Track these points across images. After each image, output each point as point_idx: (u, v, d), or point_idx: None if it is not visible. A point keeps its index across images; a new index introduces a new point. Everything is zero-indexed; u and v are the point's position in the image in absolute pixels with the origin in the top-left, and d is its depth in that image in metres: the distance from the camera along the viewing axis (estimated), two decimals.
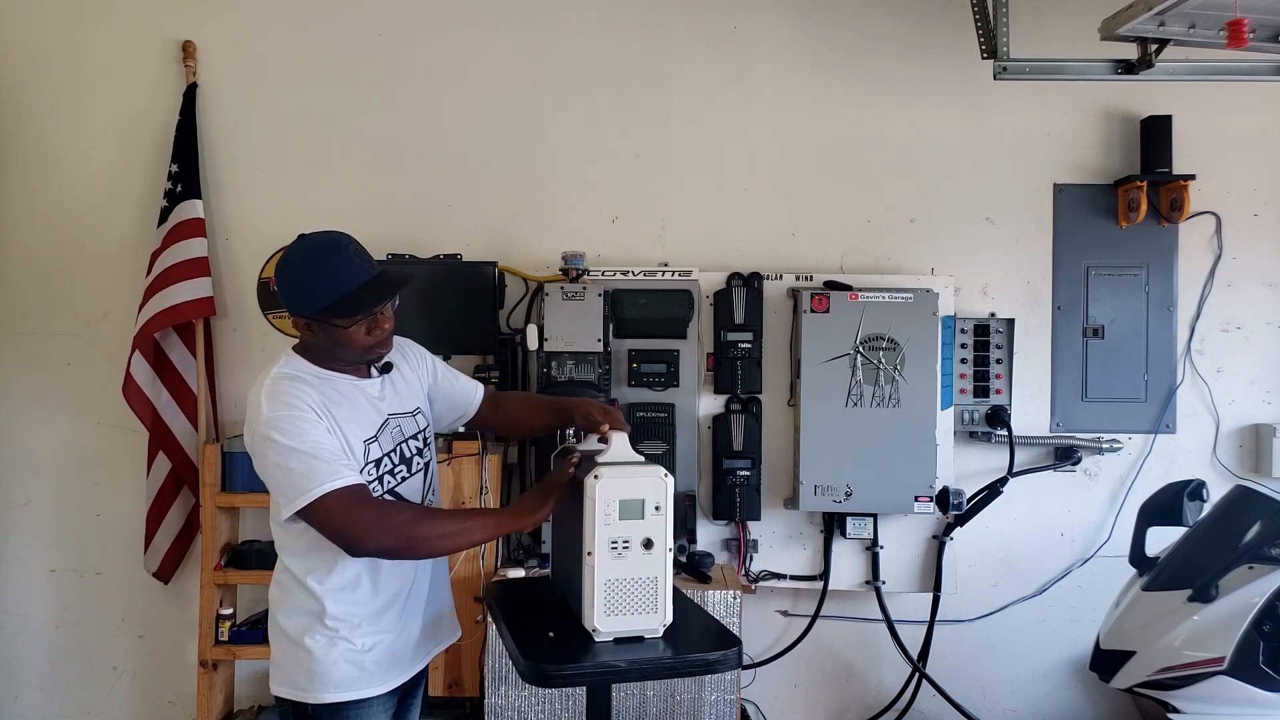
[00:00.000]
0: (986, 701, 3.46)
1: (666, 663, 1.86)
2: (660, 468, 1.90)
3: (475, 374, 3.21)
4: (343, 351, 1.98)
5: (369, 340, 1.97)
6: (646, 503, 1.86)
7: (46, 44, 3.45)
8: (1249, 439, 3.41)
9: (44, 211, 3.47)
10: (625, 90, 3.44)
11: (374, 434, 1.99)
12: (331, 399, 1.94)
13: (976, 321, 3.37)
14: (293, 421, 1.86)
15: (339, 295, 1.90)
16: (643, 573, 1.86)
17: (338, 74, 3.44)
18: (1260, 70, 2.82)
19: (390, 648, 2.01)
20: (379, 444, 2.00)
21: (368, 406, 2.01)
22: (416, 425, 2.12)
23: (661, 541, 1.87)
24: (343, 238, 1.97)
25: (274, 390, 1.92)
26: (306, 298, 1.93)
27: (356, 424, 1.97)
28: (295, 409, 1.88)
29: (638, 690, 2.89)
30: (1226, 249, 3.40)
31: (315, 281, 1.91)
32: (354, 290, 1.91)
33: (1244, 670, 2.44)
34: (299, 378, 1.95)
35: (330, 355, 1.99)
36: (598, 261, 3.35)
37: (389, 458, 2.02)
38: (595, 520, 1.84)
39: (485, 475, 3.16)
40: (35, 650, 3.50)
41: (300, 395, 1.90)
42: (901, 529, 3.30)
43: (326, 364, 2.00)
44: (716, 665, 1.91)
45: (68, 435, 3.47)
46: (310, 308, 1.93)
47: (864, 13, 3.42)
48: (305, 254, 1.96)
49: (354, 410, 1.98)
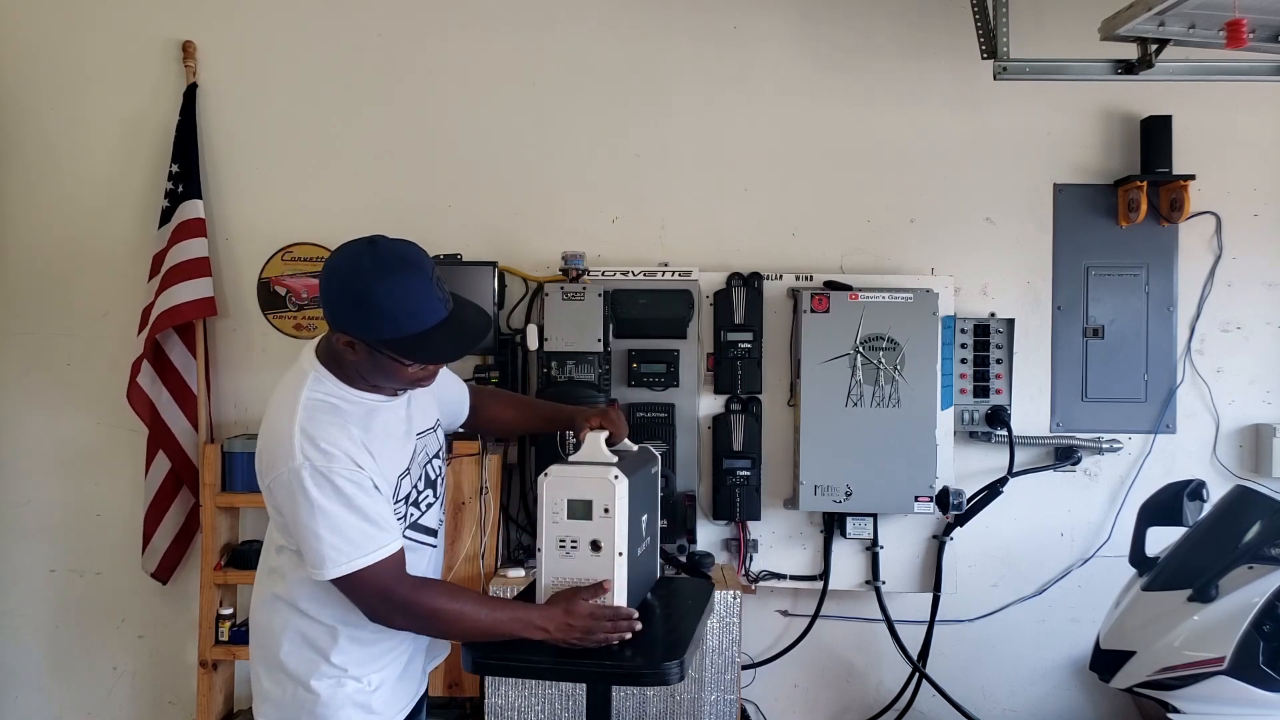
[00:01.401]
0: (986, 701, 3.46)
1: (592, 669, 1.82)
2: (614, 469, 1.84)
3: (475, 374, 3.23)
4: (382, 379, 1.78)
5: (419, 376, 1.78)
6: (595, 504, 1.82)
7: (46, 44, 3.45)
8: (1249, 439, 3.41)
9: (44, 211, 3.47)
10: (625, 90, 3.44)
11: (407, 465, 1.86)
12: (371, 431, 1.77)
13: (976, 321, 3.37)
14: (332, 476, 1.67)
15: (411, 332, 1.66)
16: (590, 574, 1.83)
17: (338, 74, 3.44)
18: (1260, 70, 2.82)
19: (397, 681, 1.91)
20: (409, 476, 1.86)
21: (398, 430, 1.85)
22: (438, 442, 2.00)
23: (610, 544, 1.82)
24: (426, 259, 1.71)
25: (310, 424, 1.70)
26: (370, 321, 1.66)
27: (392, 458, 1.81)
28: (334, 460, 1.68)
29: (638, 690, 2.88)
30: (1226, 249, 3.40)
31: (387, 307, 1.65)
32: (429, 330, 1.67)
33: (1244, 670, 2.44)
34: (335, 407, 1.75)
35: (363, 376, 1.78)
36: (598, 261, 3.35)
37: (416, 488, 1.89)
38: (544, 518, 1.84)
39: (485, 475, 3.16)
40: (35, 650, 3.50)
41: (339, 439, 1.70)
42: (901, 529, 3.30)
43: (355, 383, 1.79)
44: (645, 679, 1.87)
45: (68, 435, 3.47)
46: (372, 334, 1.67)
47: (864, 13, 3.42)
48: (381, 269, 1.66)
49: (388, 437, 1.81)
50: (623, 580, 1.84)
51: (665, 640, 1.92)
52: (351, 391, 1.79)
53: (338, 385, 1.78)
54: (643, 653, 1.84)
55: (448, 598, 1.81)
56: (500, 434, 2.72)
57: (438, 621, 1.80)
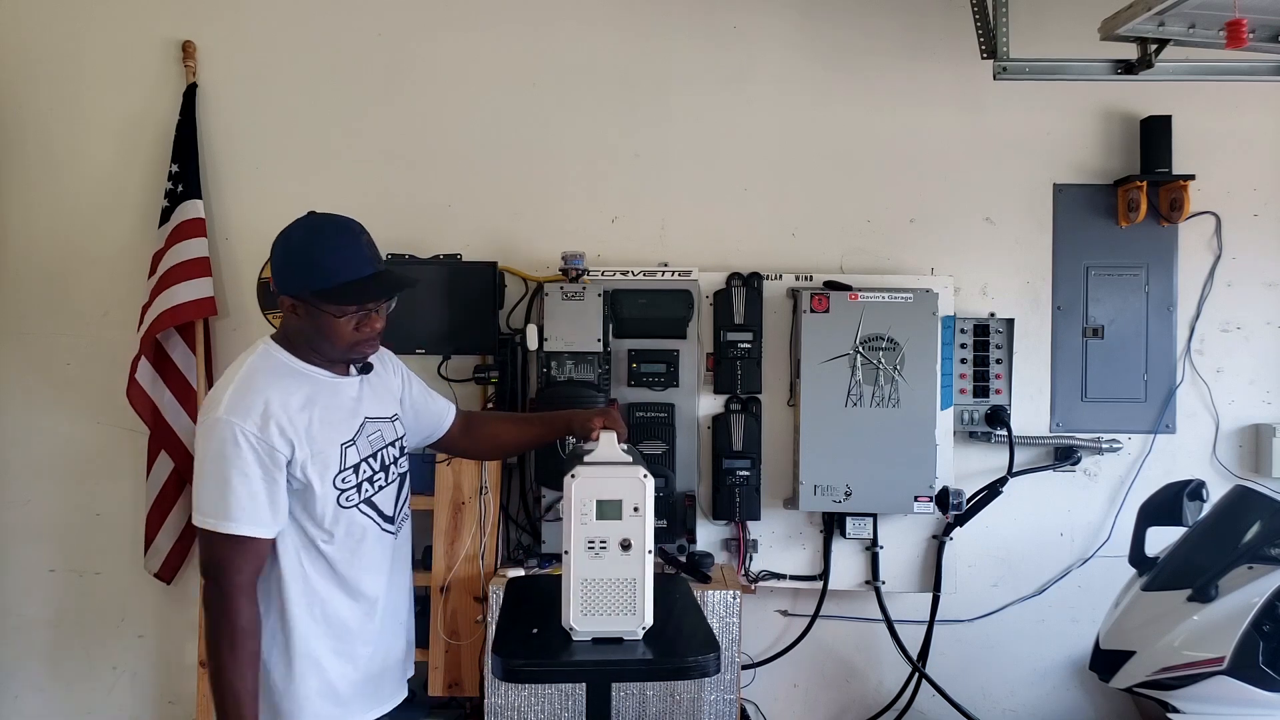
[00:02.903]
0: (986, 701, 3.46)
1: (635, 666, 1.84)
2: (640, 468, 1.87)
3: (475, 374, 3.24)
4: (325, 344, 1.87)
5: (356, 336, 1.86)
6: (625, 503, 1.84)
7: (46, 44, 3.45)
8: (1249, 439, 3.41)
9: (44, 211, 3.47)
10: (625, 90, 3.44)
11: (351, 437, 1.90)
12: (311, 396, 1.85)
13: (976, 321, 3.37)
14: (238, 434, 1.76)
15: (341, 280, 1.80)
16: (620, 574, 1.84)
17: (338, 74, 3.44)
18: (1260, 70, 2.82)
19: (368, 670, 1.93)
20: (356, 448, 1.91)
21: (346, 406, 1.92)
22: (395, 432, 2.02)
23: (640, 543, 1.84)
24: (356, 224, 1.88)
25: (246, 383, 1.82)
26: (305, 276, 1.81)
27: (334, 425, 1.87)
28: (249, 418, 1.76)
29: (637, 690, 2.89)
30: (1226, 249, 3.40)
31: (318, 260, 1.81)
32: (358, 279, 1.82)
33: (1244, 670, 2.44)
34: (277, 369, 1.86)
35: (311, 347, 1.89)
36: (598, 261, 3.35)
37: (367, 463, 1.92)
38: (572, 519, 1.84)
39: (485, 475, 3.16)
40: (35, 650, 3.50)
41: (270, 396, 1.79)
42: (901, 529, 3.30)
43: (306, 357, 1.89)
44: (689, 671, 1.88)
45: (68, 435, 3.47)
46: (306, 287, 1.81)
47: (864, 13, 3.42)
48: (314, 229, 1.86)
49: (331, 409, 1.88)
50: (650, 577, 1.86)
51: (686, 635, 1.95)
52: (298, 362, 1.89)
53: (285, 355, 1.89)
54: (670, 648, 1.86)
55: (243, 635, 1.78)
56: (497, 454, 2.71)
57: (218, 629, 1.78)
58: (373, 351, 1.95)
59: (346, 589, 1.90)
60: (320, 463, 1.84)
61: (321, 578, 1.88)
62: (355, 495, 1.90)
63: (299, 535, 1.86)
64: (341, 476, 1.87)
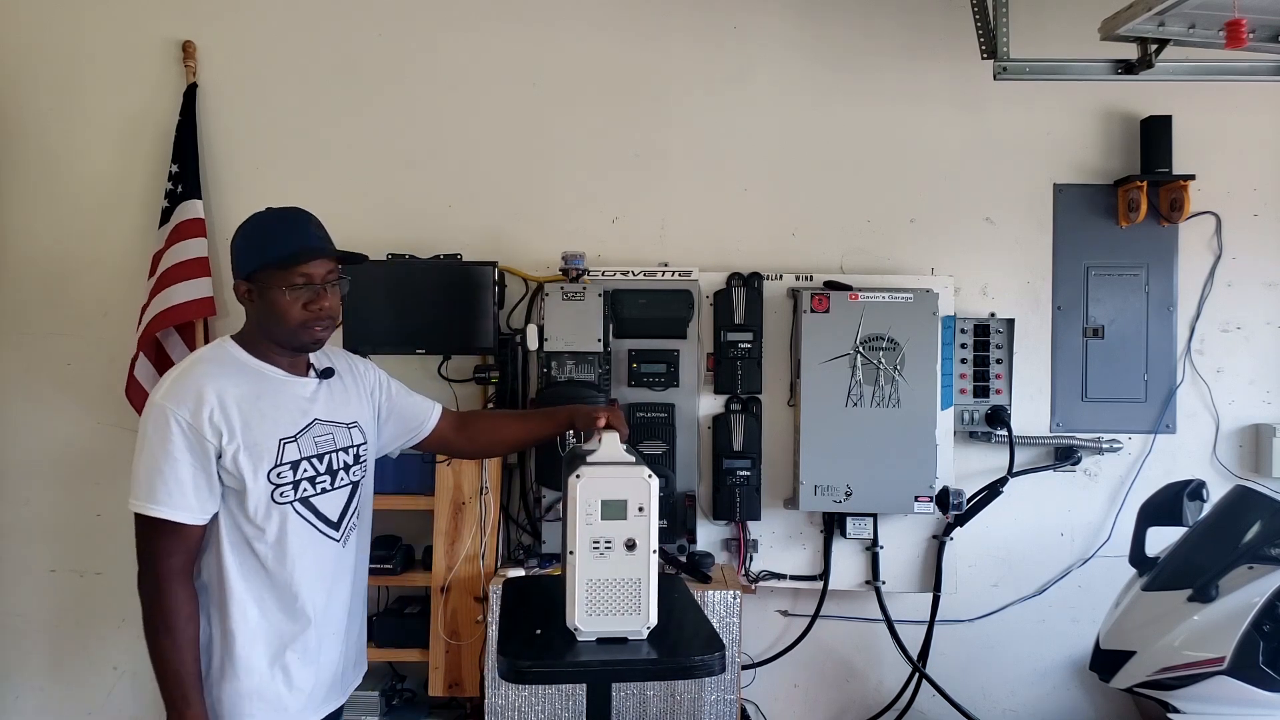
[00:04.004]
0: (986, 701, 3.46)
1: (642, 666, 1.84)
2: (645, 468, 1.87)
3: (475, 374, 3.24)
4: (277, 327, 1.88)
5: (304, 315, 1.87)
6: (630, 503, 1.84)
7: (46, 44, 3.45)
8: (1249, 439, 3.41)
9: (44, 211, 3.47)
10: (625, 90, 3.44)
11: (293, 434, 1.89)
12: (257, 390, 1.86)
13: (976, 321, 3.37)
14: (170, 416, 1.78)
15: (285, 252, 1.85)
16: (626, 574, 1.84)
17: (338, 74, 3.44)
18: (1260, 70, 2.82)
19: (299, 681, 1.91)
20: (298, 445, 1.89)
21: (293, 404, 1.91)
22: (351, 439, 1.99)
23: (645, 543, 1.84)
24: (305, 211, 1.94)
25: (186, 372, 1.84)
26: (251, 254, 1.88)
27: (276, 420, 1.87)
28: (183, 404, 1.78)
29: (638, 690, 2.89)
30: (1226, 249, 3.40)
31: (262, 240, 1.87)
32: (305, 247, 1.87)
33: (1244, 670, 2.44)
34: (222, 360, 1.88)
35: (267, 336, 1.90)
36: (598, 261, 3.35)
37: (310, 463, 1.90)
38: (577, 519, 1.84)
39: (485, 475, 3.16)
40: (35, 650, 3.50)
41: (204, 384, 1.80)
42: (901, 529, 3.30)
43: (263, 354, 1.91)
44: (695, 670, 1.87)
45: (68, 435, 3.47)
46: (252, 264, 1.87)
47: (864, 13, 3.42)
48: (263, 215, 1.93)
49: (276, 405, 1.88)
50: (654, 576, 1.86)
51: (689, 634, 1.95)
52: (251, 358, 1.90)
53: (239, 350, 1.91)
54: (674, 648, 1.86)
55: (179, 618, 1.80)
56: (496, 450, 2.65)
57: (154, 615, 1.80)
58: (324, 335, 1.94)
59: (279, 594, 1.88)
60: (253, 455, 1.82)
61: (254, 576, 1.86)
62: (291, 492, 1.88)
63: (233, 530, 1.85)
64: (277, 472, 1.85)
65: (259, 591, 1.87)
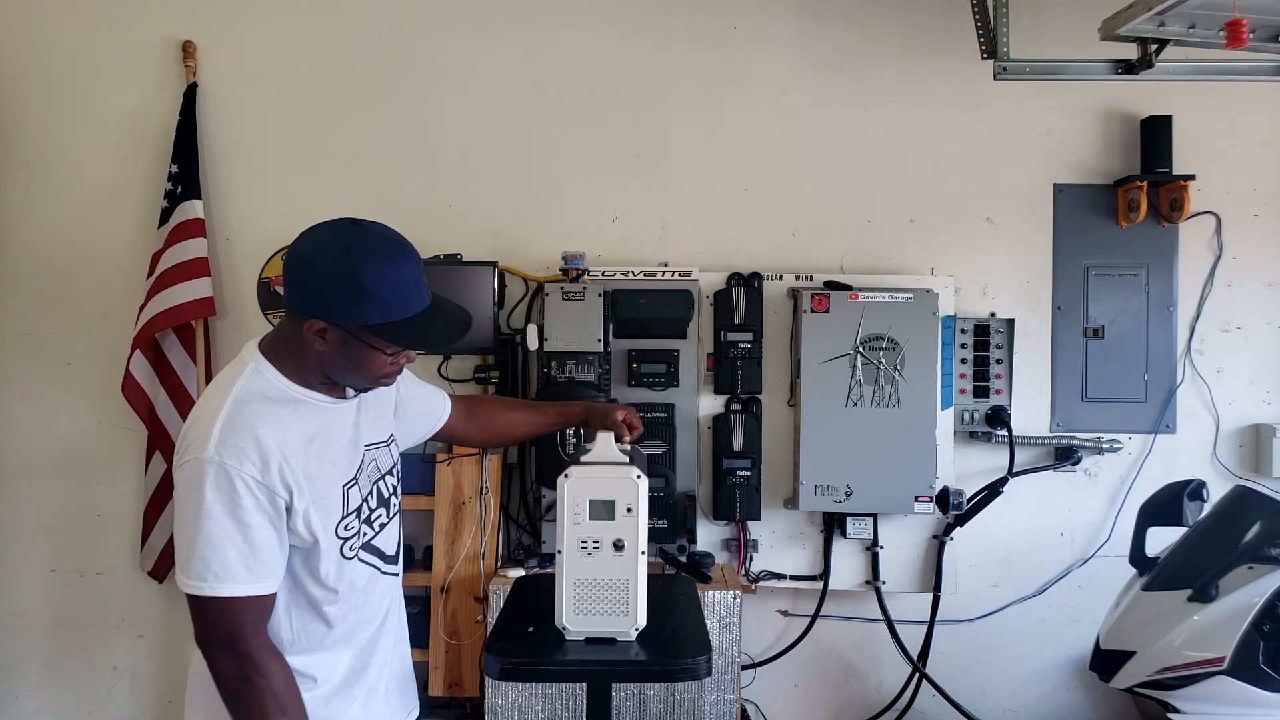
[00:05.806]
0: (986, 701, 3.46)
1: (627, 667, 1.83)
2: (634, 469, 1.85)
3: (475, 374, 3.24)
4: (346, 373, 1.61)
5: (387, 370, 1.63)
6: (617, 504, 1.84)
7: (46, 44, 3.45)
8: (1249, 439, 3.41)
9: (44, 212, 3.47)
10: (625, 90, 3.44)
11: (353, 475, 1.66)
12: (309, 430, 1.60)
13: (976, 321, 3.37)
14: (235, 479, 1.49)
15: (401, 318, 1.53)
16: (613, 574, 1.84)
17: (338, 74, 3.44)
18: (1260, 70, 2.81)
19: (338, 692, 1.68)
20: (358, 486, 1.67)
21: (344, 439, 1.67)
22: (391, 458, 1.79)
23: (633, 544, 1.83)
24: (408, 243, 1.59)
25: (234, 418, 1.52)
26: (357, 306, 1.51)
27: (334, 464, 1.62)
28: (246, 462, 1.50)
29: (638, 690, 2.89)
30: (1226, 249, 3.40)
31: (378, 291, 1.51)
32: (417, 315, 1.55)
33: (1244, 670, 2.44)
34: (271, 400, 1.57)
35: (314, 369, 1.61)
36: (598, 261, 3.35)
37: (367, 503, 1.69)
38: (565, 519, 1.83)
39: (485, 475, 3.16)
40: (35, 650, 3.50)
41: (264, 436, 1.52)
42: (901, 529, 3.30)
43: (301, 378, 1.61)
44: (679, 674, 1.87)
45: (68, 435, 3.47)
46: (356, 320, 1.52)
47: (864, 13, 3.42)
48: (371, 251, 1.53)
49: (330, 444, 1.63)
50: (643, 578, 1.85)
51: (682, 637, 1.94)
52: (294, 386, 1.61)
53: (277, 378, 1.60)
54: (664, 650, 1.86)
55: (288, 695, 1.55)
56: (503, 439, 2.39)
57: (260, 704, 1.53)
58: (392, 383, 1.72)
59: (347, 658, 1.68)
60: (322, 510, 1.59)
61: (315, 649, 1.64)
62: (357, 542, 1.67)
63: (294, 594, 1.61)
64: (344, 523, 1.63)
65: (321, 658, 1.64)
